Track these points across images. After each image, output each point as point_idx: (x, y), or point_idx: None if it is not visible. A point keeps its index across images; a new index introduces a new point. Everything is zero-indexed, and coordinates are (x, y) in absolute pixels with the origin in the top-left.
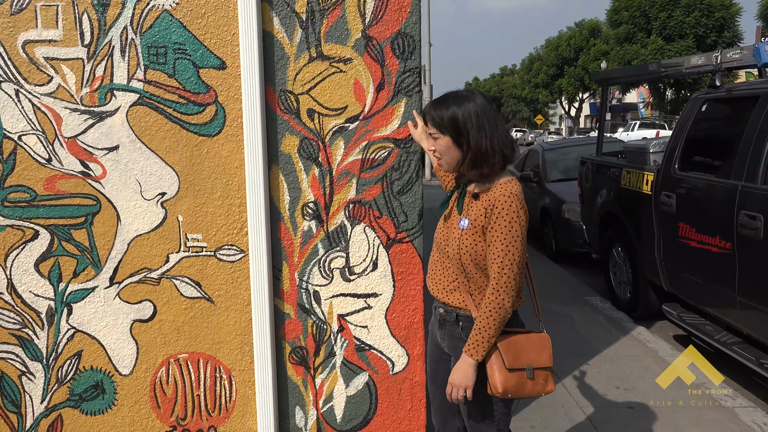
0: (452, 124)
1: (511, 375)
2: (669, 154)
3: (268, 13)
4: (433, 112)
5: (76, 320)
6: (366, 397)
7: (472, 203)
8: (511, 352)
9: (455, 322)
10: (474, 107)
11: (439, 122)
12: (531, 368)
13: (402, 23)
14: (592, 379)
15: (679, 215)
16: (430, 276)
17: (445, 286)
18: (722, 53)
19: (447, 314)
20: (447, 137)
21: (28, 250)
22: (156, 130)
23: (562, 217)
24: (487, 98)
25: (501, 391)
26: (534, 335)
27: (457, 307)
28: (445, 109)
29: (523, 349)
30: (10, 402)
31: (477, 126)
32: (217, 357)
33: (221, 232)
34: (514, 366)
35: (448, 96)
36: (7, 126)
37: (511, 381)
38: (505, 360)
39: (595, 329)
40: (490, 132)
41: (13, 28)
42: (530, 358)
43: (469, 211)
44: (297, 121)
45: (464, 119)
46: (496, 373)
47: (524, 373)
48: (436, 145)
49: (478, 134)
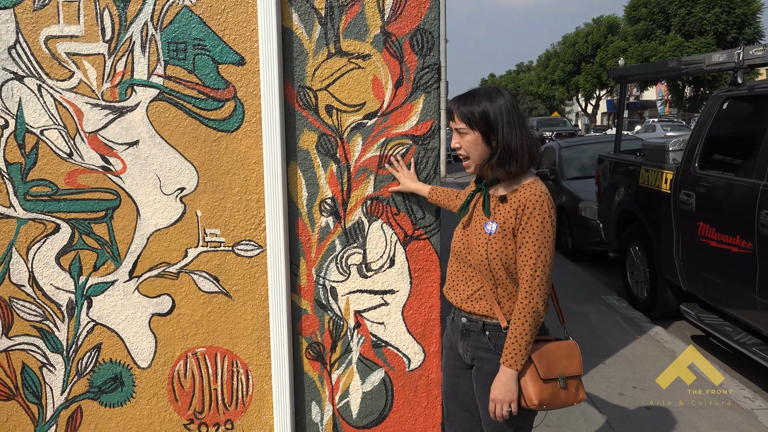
0: (483, 120)
1: (546, 386)
2: (689, 152)
3: (287, 9)
4: (463, 108)
5: (96, 313)
6: (382, 393)
7: (498, 206)
8: (544, 362)
9: (481, 332)
10: (505, 103)
11: (469, 117)
12: (564, 377)
13: (421, 19)
14: (608, 379)
15: (698, 214)
16: (450, 286)
17: (469, 296)
18: (745, 50)
19: (471, 324)
20: (476, 133)
21: (49, 244)
22: (175, 126)
23: (578, 215)
24: (514, 95)
25: (537, 403)
26: (563, 343)
27: (484, 315)
28: (476, 105)
29: (554, 358)
30: (31, 393)
31: (508, 122)
32: (235, 351)
33: (239, 227)
34: (549, 376)
35: (477, 91)
36: (30, 121)
37: (546, 392)
38: (539, 370)
39: (612, 329)
40: (519, 130)
41: (35, 24)
42: (562, 367)
43: (496, 215)
44: (315, 117)
45: (495, 115)
46: (530, 385)
47: (558, 383)
48: (462, 142)
49: (509, 131)
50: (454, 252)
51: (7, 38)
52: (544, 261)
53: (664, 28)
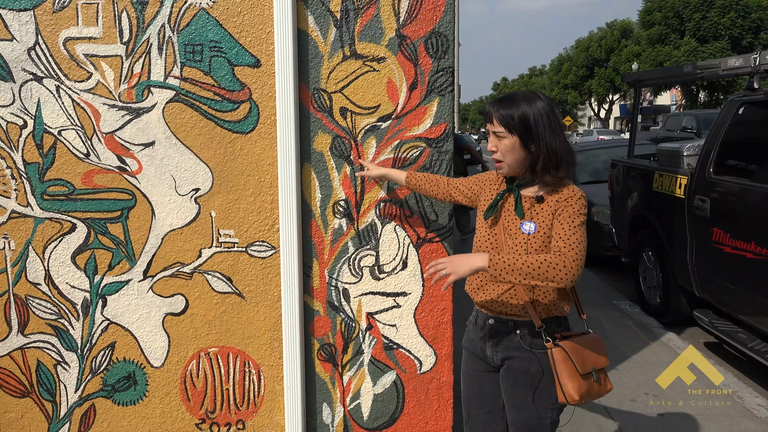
0: (523, 124)
1: (583, 381)
2: (704, 157)
3: (303, 12)
4: (502, 111)
5: (111, 312)
6: (393, 395)
7: (536, 207)
8: (579, 357)
9: (512, 331)
10: (544, 108)
11: (509, 121)
12: (596, 370)
13: (436, 22)
14: (621, 385)
15: (713, 220)
16: (478, 286)
17: (499, 295)
18: (761, 55)
19: (500, 324)
20: (515, 137)
21: (65, 243)
22: (191, 127)
23: (591, 219)
24: (551, 100)
25: (578, 399)
26: (588, 337)
27: (515, 315)
28: (515, 108)
29: (586, 353)
30: (46, 390)
31: (549, 127)
32: (247, 352)
33: (253, 228)
34: (585, 371)
35: (516, 95)
36: (48, 121)
37: (584, 387)
38: (577, 366)
39: (624, 334)
40: (561, 134)
41: (54, 26)
42: (593, 360)
43: (535, 215)
44: (330, 119)
45: (536, 119)
46: (569, 381)
47: (592, 377)
48: (499, 146)
49: (551, 135)
50: (481, 251)
51: (27, 40)
52: (579, 240)
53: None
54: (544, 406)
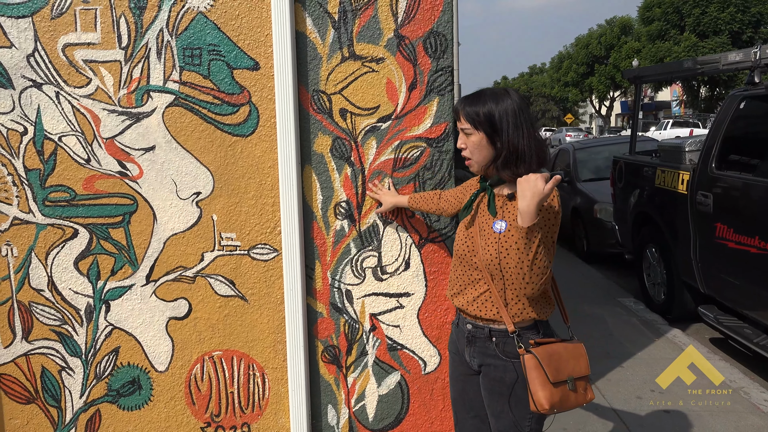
0: (488, 121)
1: (555, 390)
2: (705, 152)
3: (301, 14)
4: (468, 108)
5: (114, 317)
6: (398, 396)
7: (507, 205)
8: (552, 365)
9: (487, 338)
10: (512, 105)
11: (474, 118)
12: (572, 379)
13: (434, 22)
14: (626, 382)
15: (716, 215)
16: (457, 291)
17: (474, 298)
18: (762, 49)
19: (477, 330)
20: (481, 134)
21: (67, 249)
22: (191, 131)
23: (593, 217)
24: (522, 97)
25: (548, 408)
26: (570, 344)
27: (490, 319)
28: (481, 105)
29: (562, 360)
30: (51, 396)
31: (514, 124)
32: (251, 355)
33: (255, 231)
34: (558, 379)
35: (483, 92)
36: (48, 127)
37: (556, 396)
38: (548, 374)
39: (629, 331)
40: (527, 131)
41: (53, 32)
42: (570, 369)
43: (506, 213)
44: (329, 120)
45: (500, 116)
46: (540, 389)
47: (567, 386)
48: (467, 142)
49: (515, 133)
50: (458, 255)
51: (26, 46)
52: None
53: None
54: (522, 414)
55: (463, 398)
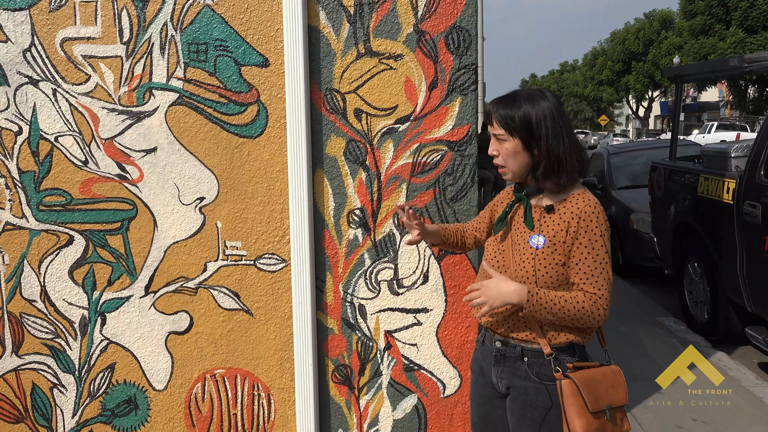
0: (525, 126)
1: (593, 419)
2: (753, 159)
3: (314, 7)
4: (502, 111)
5: (110, 331)
6: (414, 421)
7: (545, 218)
8: (591, 392)
9: (519, 358)
10: (549, 107)
11: (509, 123)
12: (611, 408)
13: (457, 16)
14: (665, 410)
15: (765, 227)
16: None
17: (506, 317)
18: None
19: (507, 349)
20: (516, 140)
21: (62, 256)
22: (195, 132)
23: (630, 228)
24: (558, 99)
25: None
26: (607, 369)
27: (522, 340)
28: (516, 108)
29: (601, 387)
30: (41, 416)
31: (553, 129)
32: (256, 374)
33: (262, 239)
34: (596, 408)
35: (518, 94)
36: (44, 127)
37: (593, 425)
38: (587, 402)
39: (668, 354)
40: (566, 137)
41: (51, 26)
42: (609, 397)
43: (543, 227)
44: (343, 121)
45: (538, 121)
46: (577, 419)
47: (605, 415)
48: (500, 149)
49: (554, 139)
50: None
51: (22, 41)
52: (606, 278)
53: (723, 23)
54: None
55: (487, 423)
